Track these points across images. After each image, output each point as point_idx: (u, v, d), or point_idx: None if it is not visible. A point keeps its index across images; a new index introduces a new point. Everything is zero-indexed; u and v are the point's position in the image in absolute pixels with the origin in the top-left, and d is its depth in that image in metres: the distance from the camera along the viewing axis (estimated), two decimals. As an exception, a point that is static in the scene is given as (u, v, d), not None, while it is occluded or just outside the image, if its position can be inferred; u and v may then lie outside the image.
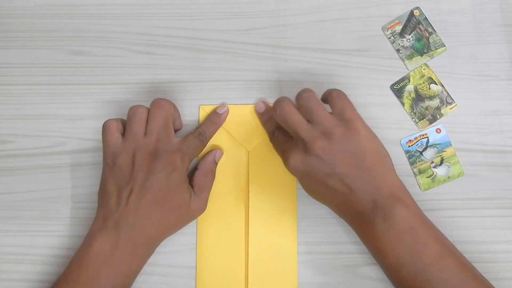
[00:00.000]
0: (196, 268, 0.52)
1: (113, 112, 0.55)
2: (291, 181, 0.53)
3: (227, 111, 0.54)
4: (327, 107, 0.49)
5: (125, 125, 0.50)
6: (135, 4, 0.58)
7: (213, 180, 0.52)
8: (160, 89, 0.56)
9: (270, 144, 0.53)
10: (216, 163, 0.53)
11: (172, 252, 0.52)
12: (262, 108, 0.54)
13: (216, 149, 0.53)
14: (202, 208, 0.50)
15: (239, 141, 0.54)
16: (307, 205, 0.53)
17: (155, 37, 0.57)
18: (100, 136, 0.52)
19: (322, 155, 0.46)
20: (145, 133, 0.48)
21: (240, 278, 0.51)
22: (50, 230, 0.53)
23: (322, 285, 0.52)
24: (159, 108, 0.49)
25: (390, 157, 0.48)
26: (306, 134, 0.47)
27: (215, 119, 0.54)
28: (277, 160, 0.52)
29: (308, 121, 0.48)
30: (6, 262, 0.52)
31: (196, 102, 0.55)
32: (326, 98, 0.50)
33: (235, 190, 0.53)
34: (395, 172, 0.48)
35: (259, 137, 0.54)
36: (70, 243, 0.52)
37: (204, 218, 0.52)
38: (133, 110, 0.49)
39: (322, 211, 0.52)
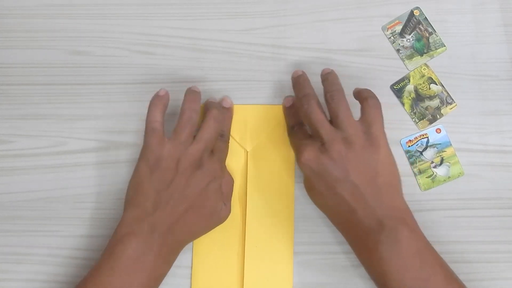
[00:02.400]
0: (192, 268, 0.52)
1: (113, 112, 0.55)
2: (289, 181, 0.53)
3: (232, 102, 0.54)
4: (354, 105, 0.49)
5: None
6: (135, 4, 0.58)
7: (233, 184, 0.52)
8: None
9: (269, 145, 0.53)
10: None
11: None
12: (289, 102, 0.54)
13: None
14: (227, 215, 0.50)
15: (238, 141, 0.54)
16: (304, 205, 0.53)
17: (155, 37, 0.57)
18: (100, 136, 0.52)
19: (338, 159, 0.45)
20: (195, 139, 0.48)
21: (235, 278, 0.51)
22: (50, 230, 0.53)
23: (319, 285, 0.51)
24: (214, 120, 0.49)
25: (401, 181, 0.48)
26: (327, 135, 0.46)
27: (226, 113, 0.53)
28: (276, 160, 0.52)
29: (332, 122, 0.48)
30: (6, 262, 0.52)
31: (196, 102, 0.55)
32: (359, 98, 0.49)
33: (233, 190, 0.53)
34: (403, 197, 0.48)
35: (259, 137, 0.54)
36: (70, 243, 0.52)
37: None
38: (188, 116, 0.48)
39: (320, 212, 0.52)
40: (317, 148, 0.46)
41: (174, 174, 0.46)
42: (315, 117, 0.47)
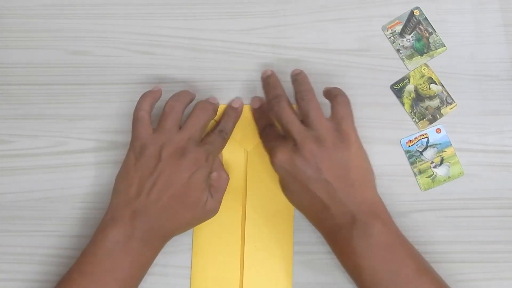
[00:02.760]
0: (191, 268, 0.52)
1: (113, 112, 0.55)
2: None
3: (242, 104, 0.54)
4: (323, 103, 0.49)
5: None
6: (135, 4, 0.58)
7: (228, 181, 0.51)
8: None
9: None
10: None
11: (168, 252, 0.52)
12: (257, 103, 0.54)
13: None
14: (216, 209, 0.50)
15: (238, 141, 0.54)
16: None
17: (155, 37, 0.57)
18: (100, 136, 0.52)
19: (310, 158, 0.46)
20: (180, 128, 0.49)
21: (235, 278, 0.51)
22: (50, 230, 0.53)
23: (318, 284, 0.52)
24: (201, 111, 0.50)
25: (374, 175, 0.49)
26: (298, 135, 0.47)
27: (232, 113, 0.53)
28: None
29: (303, 122, 0.48)
30: (6, 262, 0.52)
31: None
32: (329, 96, 0.50)
33: (232, 189, 0.53)
34: (376, 190, 0.48)
35: (259, 137, 0.54)
36: (70, 243, 0.52)
37: None
38: (170, 106, 0.49)
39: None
40: (289, 149, 0.47)
41: (157, 161, 0.47)
42: (286, 117, 0.48)
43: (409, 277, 0.44)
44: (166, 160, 0.47)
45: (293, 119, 0.48)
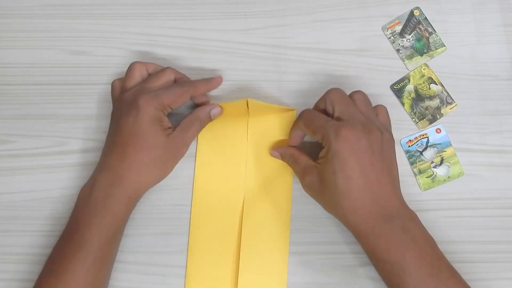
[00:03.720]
0: (186, 267, 0.52)
1: (113, 112, 0.55)
2: (286, 182, 0.53)
3: (219, 82, 0.54)
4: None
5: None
6: (135, 4, 0.58)
7: (199, 130, 0.52)
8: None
9: (267, 145, 0.53)
10: (209, 118, 0.52)
11: (164, 252, 0.52)
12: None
13: (216, 105, 0.53)
14: (179, 148, 0.50)
15: (238, 141, 0.54)
16: (301, 205, 0.53)
17: (155, 37, 0.57)
18: (100, 136, 0.52)
19: (377, 140, 0.46)
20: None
21: (230, 278, 0.51)
22: (50, 230, 0.53)
23: (318, 285, 0.51)
24: (161, 73, 0.51)
25: None
26: (365, 120, 0.47)
27: (207, 80, 0.54)
28: (274, 161, 0.52)
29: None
30: (6, 262, 0.52)
31: (196, 102, 0.55)
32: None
33: (229, 190, 0.53)
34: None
35: (258, 138, 0.54)
36: (70, 243, 0.52)
37: (196, 217, 0.52)
38: (129, 67, 0.51)
39: (316, 211, 0.52)
40: (359, 128, 0.46)
41: (115, 114, 0.50)
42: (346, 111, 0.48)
43: (449, 274, 0.44)
44: (118, 111, 0.49)
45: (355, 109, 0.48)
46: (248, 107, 0.52)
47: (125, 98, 0.49)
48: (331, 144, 0.45)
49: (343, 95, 0.49)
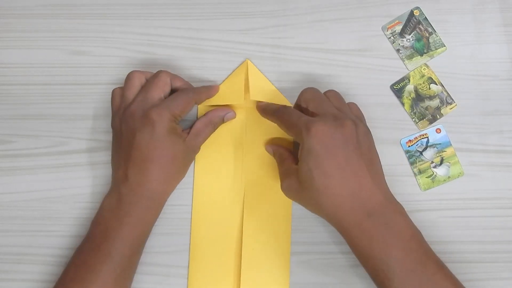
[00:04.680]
0: (188, 267, 0.52)
1: (113, 112, 0.55)
2: None
3: (216, 91, 0.54)
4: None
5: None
6: (135, 4, 0.58)
7: (212, 132, 0.52)
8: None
9: (267, 141, 0.53)
10: (222, 121, 0.53)
11: (166, 252, 0.52)
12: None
13: (230, 110, 0.53)
14: (194, 151, 0.51)
15: (235, 142, 0.54)
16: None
17: (155, 37, 0.57)
18: (100, 136, 0.52)
19: (351, 132, 0.45)
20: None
21: (232, 278, 0.51)
22: (50, 230, 0.53)
23: (318, 285, 0.52)
24: (157, 78, 0.50)
25: None
26: (338, 114, 0.46)
27: (207, 87, 0.53)
28: (274, 160, 0.52)
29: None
30: (6, 262, 0.52)
31: (196, 102, 0.55)
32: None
33: (230, 190, 0.53)
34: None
35: (256, 135, 0.54)
36: (70, 243, 0.52)
37: (197, 217, 0.52)
38: (128, 76, 0.51)
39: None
40: (330, 123, 0.45)
41: (120, 129, 0.49)
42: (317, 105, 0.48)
43: (434, 269, 0.44)
44: (125, 125, 0.48)
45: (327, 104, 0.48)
46: (248, 94, 0.52)
47: (132, 112, 0.48)
48: (304, 141, 0.45)
49: (317, 92, 0.49)
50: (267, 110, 0.52)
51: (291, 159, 0.49)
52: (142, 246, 0.49)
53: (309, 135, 0.44)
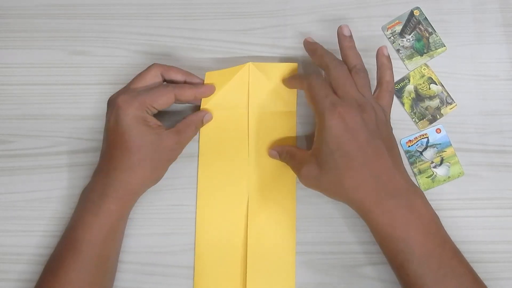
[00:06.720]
0: (194, 268, 0.52)
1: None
2: (290, 181, 0.53)
3: (212, 91, 0.52)
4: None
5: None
6: (135, 4, 0.58)
7: (194, 133, 0.52)
8: (160, 89, 0.55)
9: (268, 143, 0.53)
10: (202, 123, 0.52)
11: (171, 252, 0.52)
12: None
13: (208, 112, 0.53)
14: (172, 149, 0.49)
15: (239, 143, 0.54)
16: (306, 205, 0.53)
17: (155, 37, 0.57)
18: (100, 136, 0.52)
19: (371, 117, 0.46)
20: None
21: (238, 278, 0.51)
22: (50, 230, 0.53)
23: (321, 285, 0.52)
24: (145, 70, 0.50)
25: None
26: (363, 98, 0.47)
27: (195, 85, 0.52)
28: (278, 161, 0.52)
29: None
30: (6, 262, 0.52)
31: (196, 102, 0.55)
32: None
33: (234, 191, 0.53)
34: None
35: (261, 138, 0.54)
36: (70, 243, 0.52)
37: (201, 218, 0.52)
38: (148, 67, 0.51)
39: (322, 211, 0.52)
40: (354, 106, 0.46)
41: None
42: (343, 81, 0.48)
43: (452, 253, 0.44)
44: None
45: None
46: (249, 79, 0.52)
47: (109, 100, 0.49)
48: (325, 120, 0.45)
49: (346, 74, 0.48)
50: (297, 77, 0.52)
51: (301, 150, 0.50)
52: (110, 238, 0.48)
53: (332, 115, 0.45)
